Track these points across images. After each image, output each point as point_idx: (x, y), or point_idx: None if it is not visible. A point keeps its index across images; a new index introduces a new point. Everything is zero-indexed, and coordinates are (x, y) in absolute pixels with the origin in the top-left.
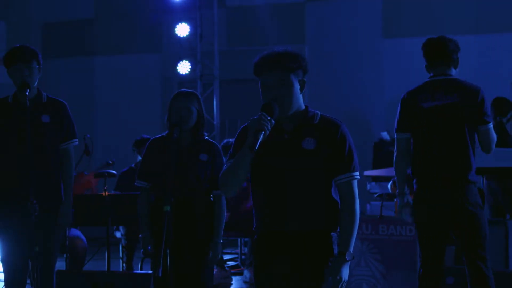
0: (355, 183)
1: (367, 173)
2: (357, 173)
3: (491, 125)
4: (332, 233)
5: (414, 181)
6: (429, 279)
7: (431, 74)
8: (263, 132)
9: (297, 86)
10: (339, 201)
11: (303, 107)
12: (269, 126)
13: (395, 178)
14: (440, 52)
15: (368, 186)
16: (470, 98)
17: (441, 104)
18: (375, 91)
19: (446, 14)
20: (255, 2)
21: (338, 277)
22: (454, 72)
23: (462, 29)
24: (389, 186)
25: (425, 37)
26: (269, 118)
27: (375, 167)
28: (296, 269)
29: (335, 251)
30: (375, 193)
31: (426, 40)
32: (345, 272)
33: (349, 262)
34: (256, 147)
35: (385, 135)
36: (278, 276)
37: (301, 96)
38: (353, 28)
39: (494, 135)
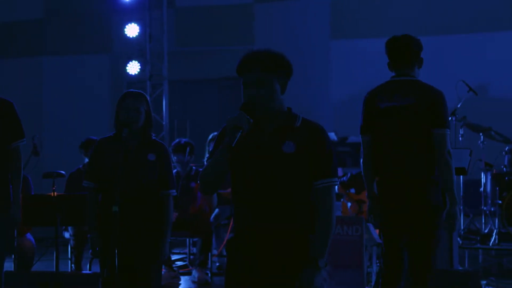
0: (333, 188)
1: None
2: (336, 178)
3: (446, 131)
4: (311, 235)
5: (375, 181)
6: (390, 278)
7: (393, 74)
8: (240, 130)
9: (277, 87)
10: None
11: (285, 108)
12: (247, 125)
13: (344, 178)
14: (403, 52)
15: None
16: (426, 100)
17: (398, 105)
18: (322, 91)
19: (393, 16)
20: (204, 3)
21: (313, 286)
22: (417, 71)
23: (410, 31)
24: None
25: (373, 38)
26: (247, 117)
27: None
28: (270, 269)
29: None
30: None
31: (390, 39)
32: (318, 279)
33: (322, 268)
34: (233, 145)
35: (332, 135)
36: (253, 274)
37: (282, 97)
38: (301, 29)
39: (448, 141)
